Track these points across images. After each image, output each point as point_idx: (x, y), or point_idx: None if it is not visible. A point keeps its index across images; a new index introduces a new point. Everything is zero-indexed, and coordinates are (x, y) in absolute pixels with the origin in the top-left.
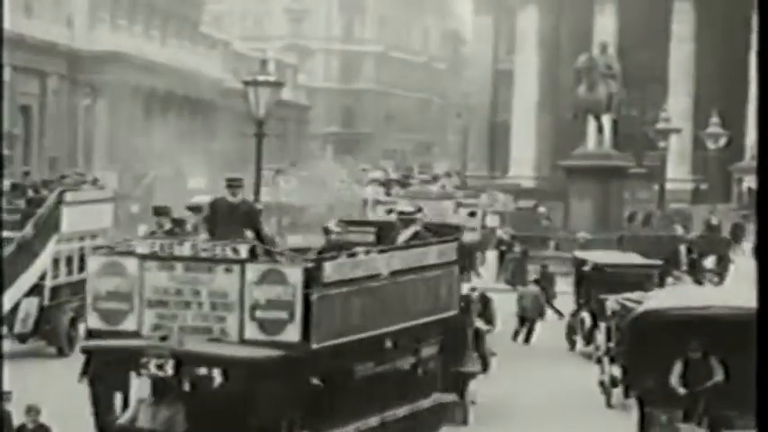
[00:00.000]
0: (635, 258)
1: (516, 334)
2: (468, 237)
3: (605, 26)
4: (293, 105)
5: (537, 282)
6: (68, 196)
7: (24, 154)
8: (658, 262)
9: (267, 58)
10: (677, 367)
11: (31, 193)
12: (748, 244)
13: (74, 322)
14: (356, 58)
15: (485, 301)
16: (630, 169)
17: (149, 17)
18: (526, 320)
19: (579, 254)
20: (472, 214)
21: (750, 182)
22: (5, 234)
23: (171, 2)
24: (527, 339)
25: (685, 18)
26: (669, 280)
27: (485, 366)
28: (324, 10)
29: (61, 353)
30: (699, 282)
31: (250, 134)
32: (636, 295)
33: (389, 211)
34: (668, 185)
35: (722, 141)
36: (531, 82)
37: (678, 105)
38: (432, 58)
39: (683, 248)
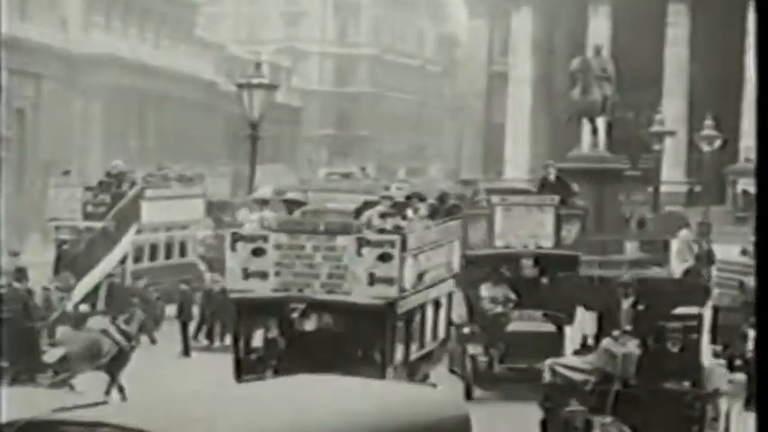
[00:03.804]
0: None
1: None
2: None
3: (600, 29)
4: (287, 108)
5: None
6: (148, 192)
7: (19, 157)
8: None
9: (261, 60)
10: None
11: (125, 188)
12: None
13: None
14: (351, 61)
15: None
16: (625, 172)
17: (144, 20)
18: None
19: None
20: (383, 258)
21: (745, 184)
22: (90, 224)
23: (165, 4)
24: None
25: (680, 20)
26: (604, 342)
27: None
28: (318, 13)
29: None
30: (645, 346)
31: (244, 136)
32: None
33: (255, 252)
34: (663, 188)
35: (717, 144)
36: (525, 84)
37: (673, 108)
38: (426, 60)
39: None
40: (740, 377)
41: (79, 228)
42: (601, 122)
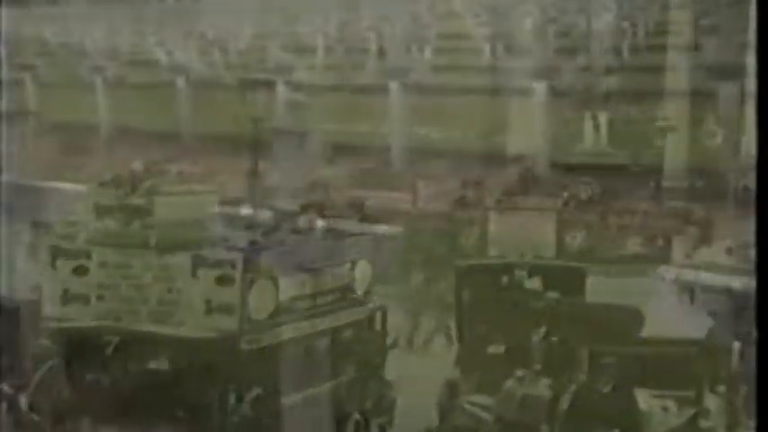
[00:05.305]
0: None
1: None
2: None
3: (604, 22)
4: (289, 102)
5: None
6: (161, 187)
7: (20, 151)
8: None
9: (264, 54)
10: None
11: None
12: None
13: None
14: (354, 55)
15: None
16: (627, 167)
17: (146, 14)
18: None
19: None
20: (222, 280)
21: (747, 180)
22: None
23: None
24: None
25: (682, 14)
26: (506, 384)
27: None
28: (321, 6)
29: None
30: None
31: (246, 131)
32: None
33: (76, 271)
34: (664, 183)
35: (719, 139)
36: (528, 78)
37: (675, 103)
38: (430, 53)
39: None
40: (723, 390)
41: None
42: (603, 117)
